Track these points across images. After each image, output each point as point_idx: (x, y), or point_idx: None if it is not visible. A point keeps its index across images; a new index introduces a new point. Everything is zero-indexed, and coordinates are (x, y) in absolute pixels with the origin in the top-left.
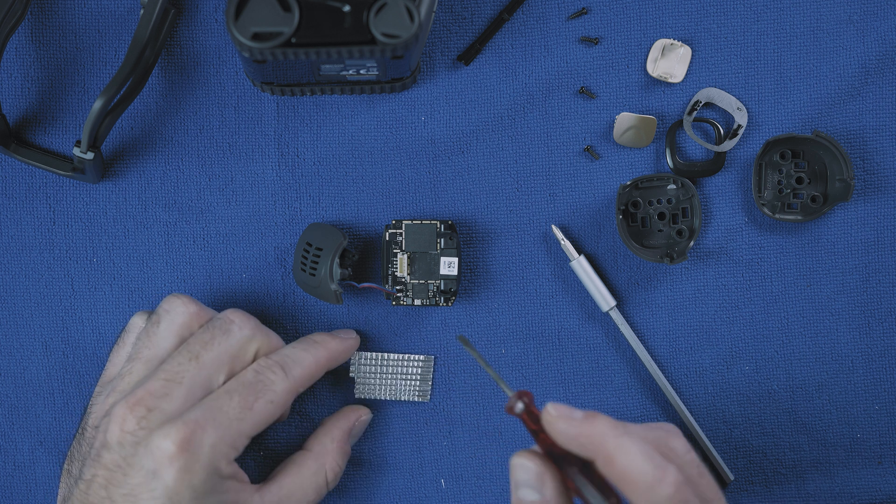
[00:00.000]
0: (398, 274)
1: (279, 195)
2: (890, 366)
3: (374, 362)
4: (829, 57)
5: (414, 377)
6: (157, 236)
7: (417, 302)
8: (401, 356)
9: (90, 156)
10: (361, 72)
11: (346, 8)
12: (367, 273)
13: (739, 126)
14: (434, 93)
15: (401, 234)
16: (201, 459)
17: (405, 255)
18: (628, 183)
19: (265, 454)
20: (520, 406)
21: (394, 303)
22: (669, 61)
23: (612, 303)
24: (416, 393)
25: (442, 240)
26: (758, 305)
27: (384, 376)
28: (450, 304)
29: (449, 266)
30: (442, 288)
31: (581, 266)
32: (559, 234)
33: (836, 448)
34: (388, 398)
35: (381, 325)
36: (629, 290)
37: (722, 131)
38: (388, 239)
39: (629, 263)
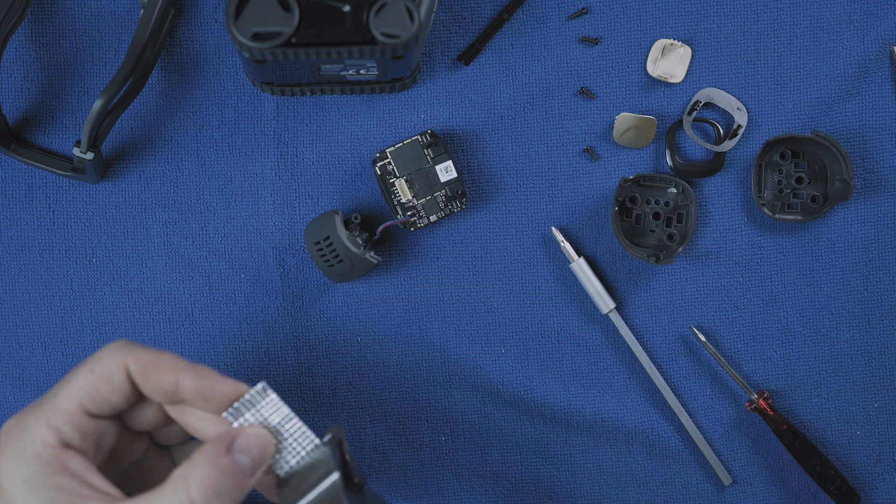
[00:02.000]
0: (403, 201)
1: (278, 195)
2: (889, 363)
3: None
4: (829, 57)
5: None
6: (157, 236)
7: (433, 218)
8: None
9: (90, 156)
10: (361, 72)
11: (346, 8)
12: (376, 223)
13: (739, 126)
14: (434, 93)
15: (390, 163)
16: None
17: (402, 180)
18: (630, 177)
19: None
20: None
21: (412, 228)
22: (669, 61)
23: (612, 305)
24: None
25: (429, 150)
26: (758, 305)
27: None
28: (464, 206)
29: (446, 171)
30: (449, 194)
31: (580, 268)
32: (559, 237)
33: (835, 446)
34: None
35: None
36: (628, 292)
37: (722, 131)
38: (380, 172)
39: (628, 265)
